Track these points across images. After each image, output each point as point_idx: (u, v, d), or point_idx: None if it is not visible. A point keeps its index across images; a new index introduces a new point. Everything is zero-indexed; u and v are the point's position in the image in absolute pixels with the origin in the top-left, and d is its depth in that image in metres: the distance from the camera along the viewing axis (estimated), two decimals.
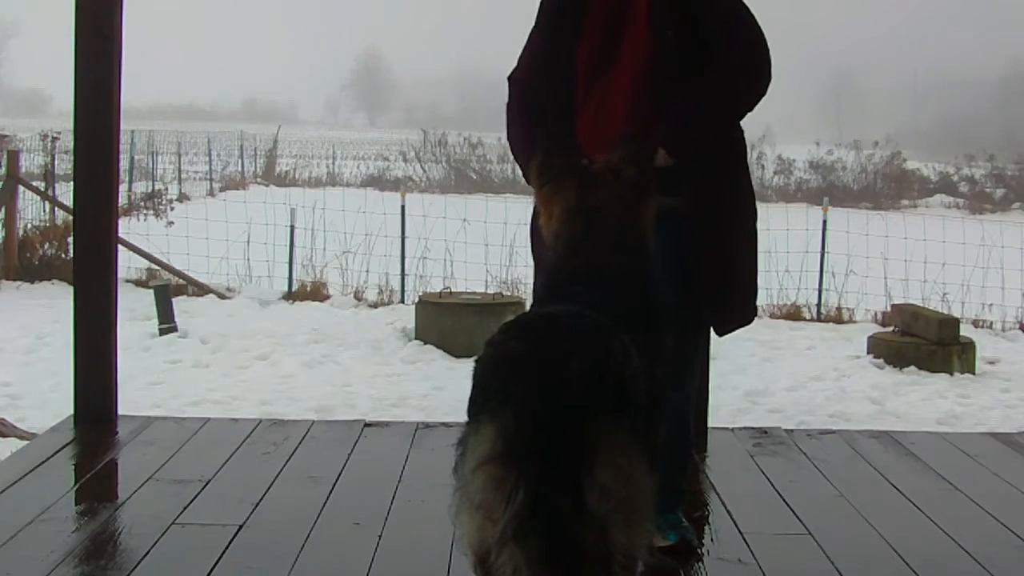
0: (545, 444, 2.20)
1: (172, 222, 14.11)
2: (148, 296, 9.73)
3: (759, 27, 3.45)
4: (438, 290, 10.23)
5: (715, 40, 3.38)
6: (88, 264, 4.92)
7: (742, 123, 3.58)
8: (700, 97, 3.37)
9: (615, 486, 2.23)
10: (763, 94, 3.49)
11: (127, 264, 10.87)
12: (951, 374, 8.46)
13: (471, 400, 2.41)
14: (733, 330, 3.61)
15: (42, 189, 12.82)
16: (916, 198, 29.53)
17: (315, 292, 11.40)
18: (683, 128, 3.36)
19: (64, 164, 13.33)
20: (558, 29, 3.51)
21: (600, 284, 2.70)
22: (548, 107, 3.48)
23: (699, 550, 3.54)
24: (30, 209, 12.52)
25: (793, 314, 11.00)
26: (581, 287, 2.68)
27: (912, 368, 8.52)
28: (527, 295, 9.15)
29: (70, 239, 10.17)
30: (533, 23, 3.63)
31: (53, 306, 9.87)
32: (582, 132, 3.40)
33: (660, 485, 2.50)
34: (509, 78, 3.63)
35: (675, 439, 3.30)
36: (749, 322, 3.65)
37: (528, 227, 3.50)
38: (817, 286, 11.32)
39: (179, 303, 10.00)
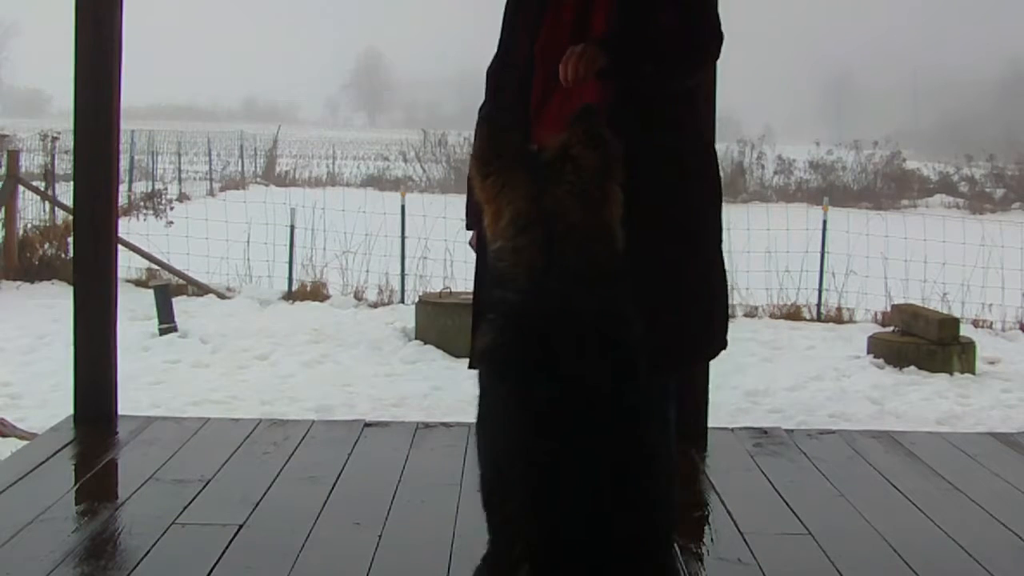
0: None
1: (172, 222, 14.13)
2: (148, 296, 9.73)
3: (712, 24, 3.14)
4: (438, 290, 10.24)
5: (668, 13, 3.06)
6: (88, 264, 4.92)
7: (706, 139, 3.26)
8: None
9: None
10: (694, 74, 3.15)
11: (127, 264, 10.87)
12: (951, 374, 8.46)
13: (489, 502, 2.36)
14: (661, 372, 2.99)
15: (42, 189, 12.83)
16: (916, 198, 29.49)
17: (315, 292, 11.40)
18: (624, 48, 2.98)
19: (64, 164, 13.33)
20: (515, 20, 3.19)
21: (574, 329, 2.32)
22: (502, 108, 3.14)
23: (699, 550, 3.54)
24: (30, 209, 12.53)
25: (793, 314, 11.01)
26: (551, 332, 2.31)
27: (912, 368, 8.53)
28: None
29: (70, 239, 10.18)
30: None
31: (53, 306, 9.88)
32: (541, 136, 2.94)
33: None
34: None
35: None
36: (684, 364, 3.22)
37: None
38: (817, 286, 11.32)
39: (179, 303, 10.01)
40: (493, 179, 2.43)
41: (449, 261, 11.22)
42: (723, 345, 3.19)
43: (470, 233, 3.21)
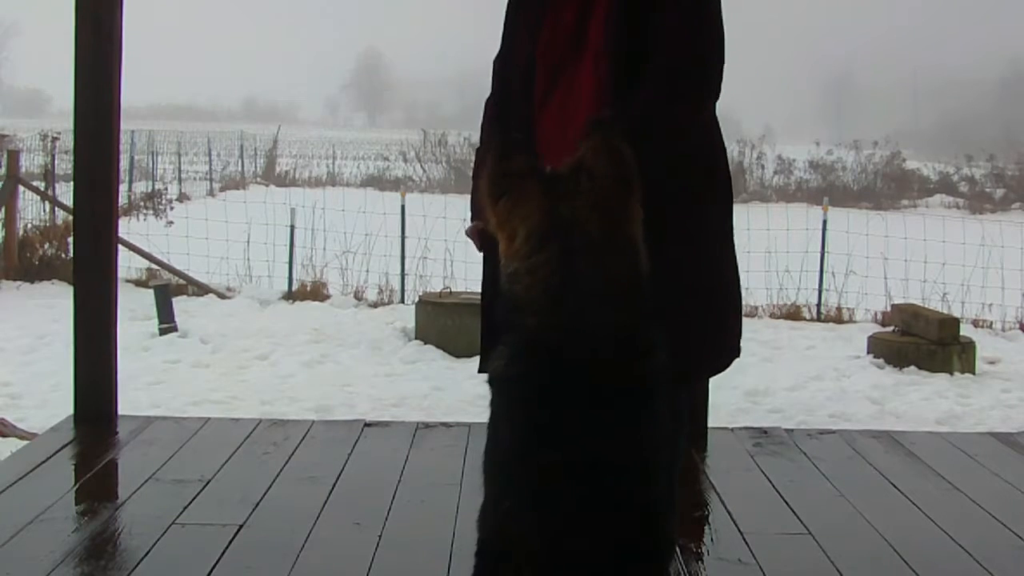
0: None
1: (172, 222, 14.14)
2: (148, 296, 9.73)
3: (714, 28, 2.96)
4: (438, 290, 10.24)
5: (663, 31, 2.90)
6: (88, 264, 4.91)
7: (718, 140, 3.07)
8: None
9: None
10: (698, 104, 2.96)
11: (127, 264, 10.87)
12: (951, 374, 8.46)
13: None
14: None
15: (42, 189, 12.83)
16: (916, 198, 29.50)
17: (315, 292, 11.40)
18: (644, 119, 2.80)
19: (64, 164, 13.34)
20: (516, 19, 3.13)
21: (588, 344, 2.25)
22: (503, 107, 3.10)
23: (699, 550, 3.54)
24: (30, 209, 12.53)
25: (793, 314, 11.01)
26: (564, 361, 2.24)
27: (912, 368, 8.52)
28: None
29: (70, 239, 10.18)
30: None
31: (53, 306, 9.88)
32: (543, 137, 2.92)
33: None
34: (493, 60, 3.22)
35: None
36: (699, 371, 3.15)
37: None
38: (817, 286, 11.32)
39: (179, 303, 10.01)
40: (505, 199, 2.35)
41: (449, 261, 11.22)
42: (736, 353, 3.09)
43: (470, 226, 3.05)
